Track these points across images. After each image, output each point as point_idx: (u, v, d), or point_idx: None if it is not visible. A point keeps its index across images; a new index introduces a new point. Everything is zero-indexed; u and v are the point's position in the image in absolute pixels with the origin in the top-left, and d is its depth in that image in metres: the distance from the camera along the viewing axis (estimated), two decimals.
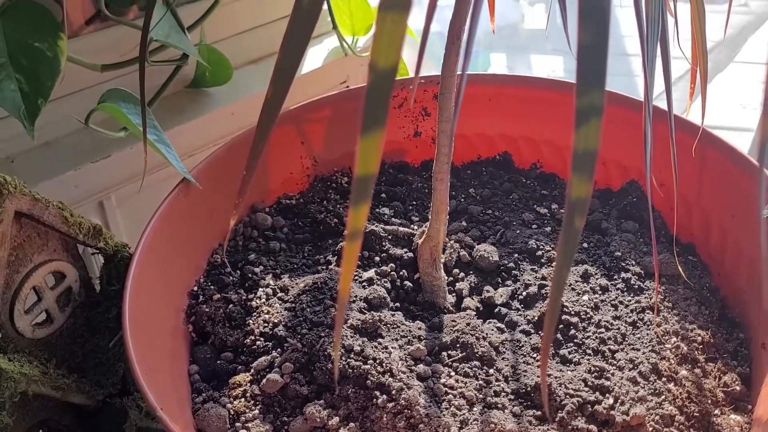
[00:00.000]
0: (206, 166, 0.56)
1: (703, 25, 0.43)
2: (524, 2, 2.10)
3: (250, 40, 0.79)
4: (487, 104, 0.65)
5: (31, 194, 0.41)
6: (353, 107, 0.64)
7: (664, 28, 0.38)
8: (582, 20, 0.26)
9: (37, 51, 0.53)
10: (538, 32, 1.96)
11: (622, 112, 0.59)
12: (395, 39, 0.24)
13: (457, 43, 0.48)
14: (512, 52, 1.93)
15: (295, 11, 0.33)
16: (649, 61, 0.36)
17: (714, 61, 1.61)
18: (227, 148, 0.57)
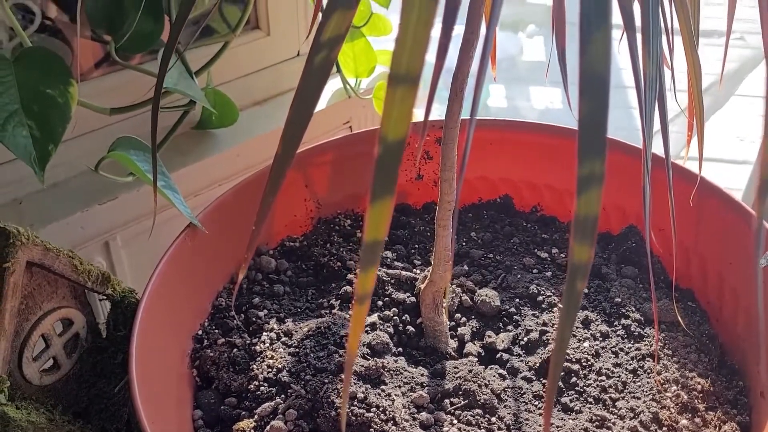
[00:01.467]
0: (212, 210, 0.57)
1: (699, 81, 0.44)
2: (523, 35, 2.13)
3: (256, 82, 0.80)
4: (489, 148, 0.66)
5: (43, 244, 0.42)
6: (356, 151, 0.65)
7: (661, 84, 0.39)
8: (582, 92, 0.27)
9: (49, 97, 0.54)
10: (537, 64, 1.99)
11: (621, 158, 0.60)
12: (404, 113, 0.25)
13: (459, 95, 0.49)
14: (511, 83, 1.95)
15: (305, 71, 0.34)
16: (647, 119, 0.37)
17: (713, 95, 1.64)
18: (233, 192, 0.58)
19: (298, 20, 0.82)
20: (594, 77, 0.27)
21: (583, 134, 0.27)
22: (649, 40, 0.37)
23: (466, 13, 0.44)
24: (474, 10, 0.47)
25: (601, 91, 0.27)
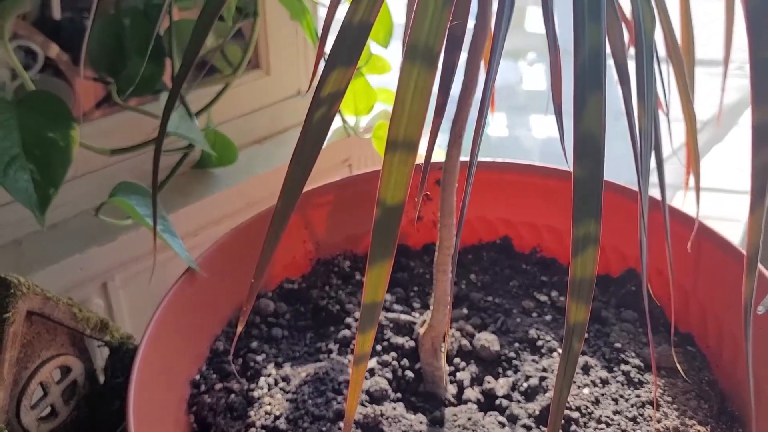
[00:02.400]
0: (211, 253, 0.57)
1: (695, 131, 0.44)
2: (523, 63, 2.14)
3: (256, 121, 0.81)
4: (488, 189, 0.67)
5: (43, 293, 0.42)
6: (356, 192, 0.66)
7: (657, 135, 0.39)
8: (577, 157, 0.28)
9: (50, 141, 0.55)
10: (537, 93, 2.00)
11: (620, 200, 0.60)
12: (402, 179, 0.26)
13: (458, 141, 0.50)
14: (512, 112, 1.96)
15: (305, 127, 0.34)
16: (642, 173, 0.37)
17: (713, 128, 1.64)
18: (232, 235, 0.58)
19: (298, 59, 0.83)
20: (589, 141, 0.28)
21: (578, 197, 0.28)
22: (643, 94, 0.37)
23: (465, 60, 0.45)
24: (473, 59, 0.47)
25: (595, 155, 0.28)
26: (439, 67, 0.28)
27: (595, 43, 0.28)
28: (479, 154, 0.35)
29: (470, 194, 0.68)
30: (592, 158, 0.27)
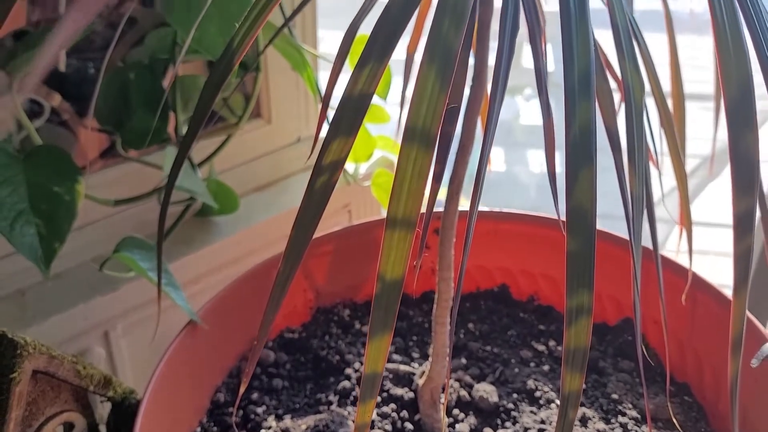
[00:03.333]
0: (212, 306, 0.57)
1: (686, 190, 0.45)
2: (520, 98, 2.17)
3: (257, 168, 0.82)
4: (486, 238, 0.68)
5: (48, 352, 0.43)
6: (356, 242, 0.67)
7: (649, 199, 0.40)
8: (569, 231, 0.29)
9: (56, 195, 0.56)
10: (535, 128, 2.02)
11: (616, 250, 0.61)
12: (401, 255, 0.27)
13: (456, 197, 0.51)
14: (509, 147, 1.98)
15: (307, 194, 0.35)
16: (635, 239, 0.38)
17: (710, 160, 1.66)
18: (232, 287, 0.59)
19: (299, 107, 0.84)
20: (580, 215, 0.29)
21: (570, 270, 0.29)
22: (634, 159, 0.38)
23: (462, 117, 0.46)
24: (470, 118, 0.49)
25: (587, 229, 0.29)
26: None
27: (585, 120, 0.30)
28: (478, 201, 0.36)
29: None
30: (583, 233, 0.28)
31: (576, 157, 0.29)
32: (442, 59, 0.27)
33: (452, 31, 0.28)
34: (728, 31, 0.23)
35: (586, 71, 0.30)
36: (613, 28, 0.37)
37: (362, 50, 0.35)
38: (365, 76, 0.34)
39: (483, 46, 0.48)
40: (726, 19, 0.24)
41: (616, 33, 0.37)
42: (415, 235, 0.29)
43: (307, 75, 0.73)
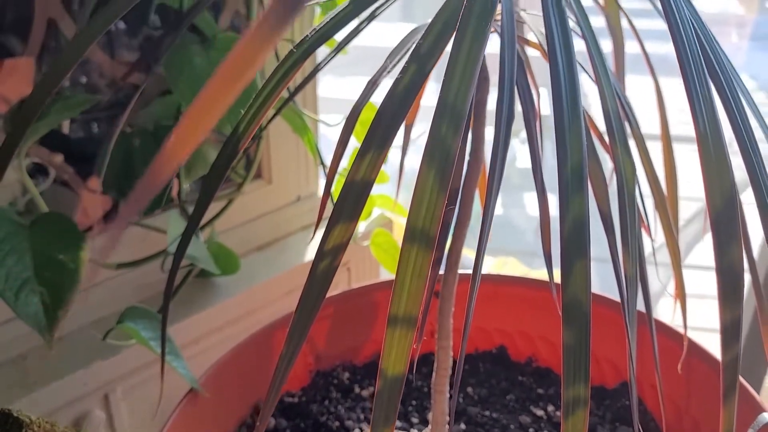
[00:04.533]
0: (213, 372, 0.58)
1: (680, 262, 0.46)
2: (516, 141, 2.19)
3: (257, 228, 0.83)
4: (484, 301, 0.68)
5: (52, 428, 0.43)
6: (355, 305, 0.67)
7: (644, 281, 0.41)
8: (565, 323, 0.30)
9: (60, 263, 0.57)
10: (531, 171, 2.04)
11: (612, 314, 0.62)
12: (402, 352, 0.27)
13: (454, 269, 0.52)
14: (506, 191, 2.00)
15: (309, 278, 0.36)
16: (630, 320, 0.39)
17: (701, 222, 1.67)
18: (232, 354, 0.59)
19: (299, 168, 0.86)
20: (575, 307, 0.30)
21: (567, 362, 0.30)
22: (627, 241, 0.39)
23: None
24: (468, 194, 0.50)
25: (582, 322, 0.30)
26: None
27: (579, 213, 0.31)
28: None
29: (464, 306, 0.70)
30: (578, 325, 0.29)
31: (570, 249, 0.30)
32: (440, 162, 0.28)
33: (450, 134, 0.29)
34: (711, 142, 0.25)
35: (579, 166, 0.31)
36: (605, 113, 0.38)
37: (363, 139, 0.36)
38: (366, 164, 0.36)
39: (480, 123, 0.49)
40: (709, 131, 0.25)
41: (607, 118, 0.38)
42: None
43: (308, 138, 0.74)
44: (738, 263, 0.24)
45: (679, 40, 0.26)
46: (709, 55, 0.30)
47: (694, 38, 0.28)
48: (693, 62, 0.26)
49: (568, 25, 0.35)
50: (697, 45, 0.28)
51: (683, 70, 0.26)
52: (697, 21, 0.35)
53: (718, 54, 0.29)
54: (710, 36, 0.34)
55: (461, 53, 0.30)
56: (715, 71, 0.30)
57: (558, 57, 0.33)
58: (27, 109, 0.29)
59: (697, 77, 0.26)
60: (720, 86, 0.30)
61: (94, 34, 0.27)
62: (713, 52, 0.31)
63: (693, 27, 0.33)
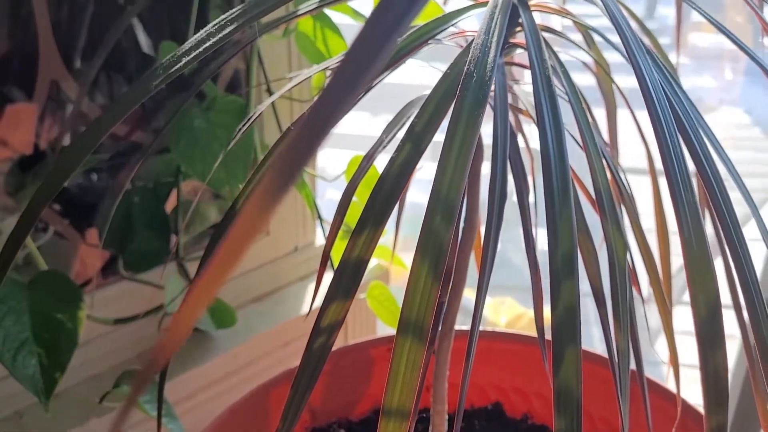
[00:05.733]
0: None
1: (672, 333, 0.47)
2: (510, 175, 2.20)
3: (254, 279, 0.84)
4: (478, 357, 0.68)
5: None
6: (352, 361, 0.68)
7: (637, 354, 0.42)
8: (557, 411, 0.30)
9: (59, 323, 0.57)
10: None
11: (604, 372, 0.62)
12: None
13: (449, 335, 0.52)
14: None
15: (305, 355, 0.37)
16: (622, 393, 0.39)
17: None
18: (226, 416, 0.59)
19: (296, 218, 0.87)
20: (567, 395, 0.30)
21: None
22: (619, 314, 0.40)
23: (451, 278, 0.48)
24: (463, 256, 0.51)
25: (573, 410, 0.30)
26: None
27: (569, 300, 0.31)
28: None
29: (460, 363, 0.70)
30: (570, 413, 0.30)
31: (561, 336, 0.31)
32: (434, 253, 0.29)
33: (443, 226, 0.30)
34: (696, 247, 0.25)
35: (570, 253, 0.32)
36: (596, 191, 0.39)
37: (359, 217, 0.37)
38: (362, 242, 0.36)
39: (474, 190, 0.50)
40: (694, 238, 0.26)
41: (599, 196, 0.39)
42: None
43: (305, 193, 0.75)
44: (722, 369, 0.25)
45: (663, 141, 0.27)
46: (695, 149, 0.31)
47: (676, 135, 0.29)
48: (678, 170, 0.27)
49: (559, 107, 0.36)
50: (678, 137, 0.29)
51: (668, 176, 0.27)
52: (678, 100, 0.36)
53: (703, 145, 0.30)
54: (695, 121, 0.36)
55: (454, 145, 0.31)
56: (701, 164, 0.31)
57: (549, 146, 0.34)
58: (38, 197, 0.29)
59: (681, 182, 0.27)
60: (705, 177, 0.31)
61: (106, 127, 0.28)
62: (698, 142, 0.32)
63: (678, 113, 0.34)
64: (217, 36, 0.28)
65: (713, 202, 0.31)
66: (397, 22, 0.14)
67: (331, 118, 0.13)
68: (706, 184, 0.27)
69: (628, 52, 0.32)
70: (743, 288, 0.30)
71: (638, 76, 0.31)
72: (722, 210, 0.27)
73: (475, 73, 0.34)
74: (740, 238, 0.27)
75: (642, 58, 0.31)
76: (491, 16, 0.37)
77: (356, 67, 0.13)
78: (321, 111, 0.13)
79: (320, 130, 0.13)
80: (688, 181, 0.26)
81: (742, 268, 0.29)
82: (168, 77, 0.27)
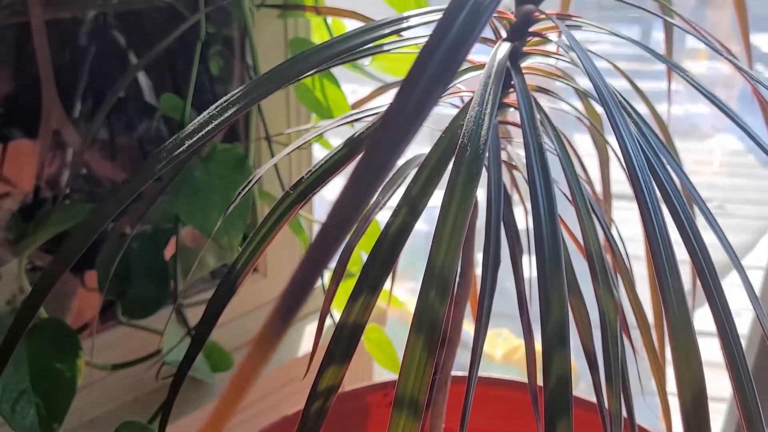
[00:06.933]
0: None
1: (665, 391, 0.48)
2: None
3: (250, 321, 0.84)
4: (474, 404, 0.69)
5: None
6: (348, 408, 0.68)
7: (631, 417, 0.42)
8: None
9: (57, 373, 0.58)
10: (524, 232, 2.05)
11: (595, 417, 0.63)
12: None
13: (444, 390, 0.53)
14: None
15: (302, 420, 0.38)
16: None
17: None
18: None
19: (293, 260, 0.87)
20: None
21: None
22: (611, 379, 0.41)
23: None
24: (458, 311, 0.51)
25: None
26: None
27: (562, 371, 0.32)
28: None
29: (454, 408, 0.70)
30: None
31: (553, 408, 0.32)
32: (428, 330, 0.30)
33: (438, 302, 0.31)
34: (682, 335, 0.26)
35: (561, 324, 0.33)
36: (588, 258, 0.40)
37: (354, 284, 0.38)
38: (359, 307, 0.37)
39: (469, 246, 0.51)
40: (680, 323, 0.26)
41: (591, 261, 0.40)
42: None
43: (302, 237, 0.76)
44: None
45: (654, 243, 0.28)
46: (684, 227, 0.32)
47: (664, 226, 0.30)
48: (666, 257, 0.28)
49: (550, 173, 0.37)
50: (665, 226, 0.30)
51: (655, 263, 0.28)
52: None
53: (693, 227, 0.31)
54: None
55: (447, 221, 0.32)
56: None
57: (542, 216, 0.35)
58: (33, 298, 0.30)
59: (669, 269, 0.27)
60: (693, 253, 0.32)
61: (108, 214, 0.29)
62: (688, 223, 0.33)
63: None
64: (219, 119, 0.29)
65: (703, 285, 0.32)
66: (381, 169, 0.15)
67: (326, 257, 0.14)
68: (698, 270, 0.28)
69: (615, 130, 0.33)
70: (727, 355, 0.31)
71: (626, 160, 0.31)
72: (715, 302, 0.28)
73: (469, 147, 0.35)
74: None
75: (629, 139, 0.32)
76: (485, 87, 0.38)
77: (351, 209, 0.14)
78: (316, 252, 0.14)
79: (317, 270, 0.14)
80: (676, 269, 0.27)
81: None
82: (171, 160, 0.28)
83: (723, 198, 2.30)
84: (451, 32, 0.19)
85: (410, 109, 0.17)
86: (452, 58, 0.18)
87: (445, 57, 0.18)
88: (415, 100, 0.17)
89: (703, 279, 0.31)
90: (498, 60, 0.39)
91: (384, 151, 0.15)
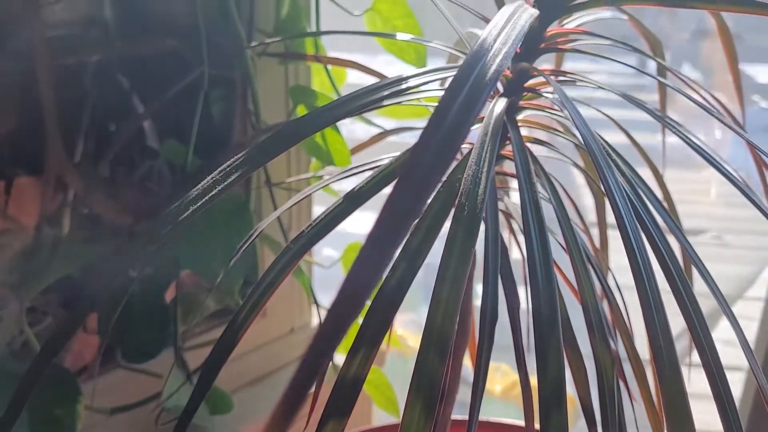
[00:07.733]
0: None
1: None
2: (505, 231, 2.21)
3: (250, 361, 0.84)
4: None
5: None
6: None
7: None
8: None
9: (57, 419, 0.58)
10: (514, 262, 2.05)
11: None
12: None
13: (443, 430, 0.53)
14: None
15: None
16: None
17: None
18: None
19: (292, 300, 0.88)
20: None
21: None
22: (608, 426, 0.41)
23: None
24: (456, 360, 0.52)
25: None
26: None
27: (559, 425, 0.33)
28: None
29: None
30: None
31: None
32: (427, 391, 0.30)
33: (437, 362, 0.31)
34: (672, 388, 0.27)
35: (558, 382, 0.33)
36: (584, 308, 0.41)
37: (354, 338, 0.38)
38: (358, 362, 0.38)
39: (468, 295, 0.52)
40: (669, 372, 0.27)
41: (587, 312, 0.41)
42: None
43: (302, 280, 0.76)
44: None
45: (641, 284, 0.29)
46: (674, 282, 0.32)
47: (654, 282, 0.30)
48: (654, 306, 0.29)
49: (545, 225, 0.38)
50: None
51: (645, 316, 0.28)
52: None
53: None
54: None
55: (446, 281, 0.33)
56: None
57: (538, 273, 0.35)
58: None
59: (659, 322, 0.28)
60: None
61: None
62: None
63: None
64: (222, 183, 0.30)
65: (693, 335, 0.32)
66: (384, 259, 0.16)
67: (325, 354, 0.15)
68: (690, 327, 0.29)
69: (603, 183, 0.34)
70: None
71: (615, 213, 0.32)
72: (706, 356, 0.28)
73: (467, 206, 0.36)
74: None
75: (617, 192, 0.33)
76: (482, 144, 0.39)
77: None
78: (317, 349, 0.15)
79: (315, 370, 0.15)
80: (667, 331, 0.28)
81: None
82: (177, 225, 0.28)
83: (721, 228, 2.30)
84: (447, 119, 0.20)
85: (408, 201, 0.17)
86: (450, 147, 0.19)
87: (441, 148, 0.18)
88: (412, 191, 0.18)
89: (694, 333, 0.32)
90: (495, 116, 0.40)
91: (381, 250, 0.16)
